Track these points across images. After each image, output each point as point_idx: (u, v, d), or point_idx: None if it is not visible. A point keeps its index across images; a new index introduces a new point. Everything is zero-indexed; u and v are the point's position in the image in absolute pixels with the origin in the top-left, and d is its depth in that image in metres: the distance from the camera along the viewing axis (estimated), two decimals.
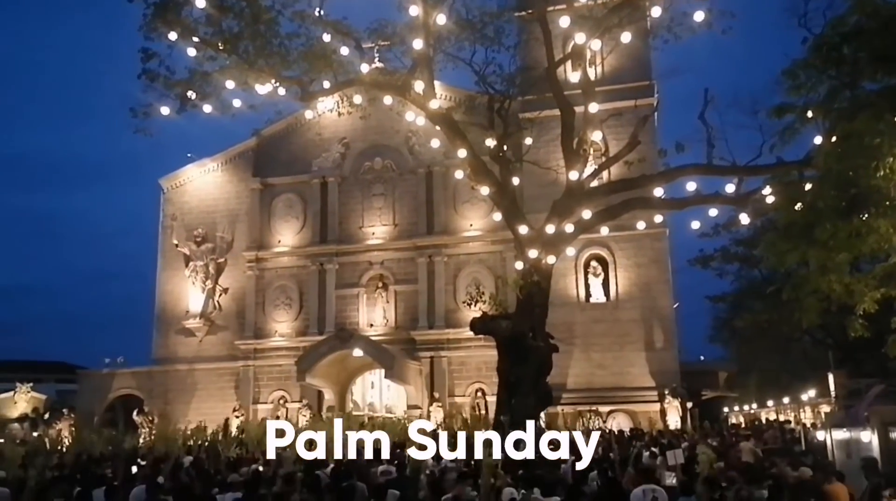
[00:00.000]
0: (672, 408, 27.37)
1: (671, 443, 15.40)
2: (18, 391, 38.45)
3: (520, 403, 18.35)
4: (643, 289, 29.85)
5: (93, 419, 32.64)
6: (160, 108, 19.13)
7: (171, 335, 35.30)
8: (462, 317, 29.09)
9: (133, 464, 15.09)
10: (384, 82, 20.61)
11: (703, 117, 18.36)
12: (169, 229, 36.30)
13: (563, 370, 27.16)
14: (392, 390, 31.74)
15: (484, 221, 31.66)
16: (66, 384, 48.62)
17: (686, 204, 19.37)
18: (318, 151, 34.89)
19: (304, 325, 33.88)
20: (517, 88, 22.41)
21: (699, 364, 41.75)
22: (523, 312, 19.19)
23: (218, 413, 30.06)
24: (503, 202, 20.41)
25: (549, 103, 21.70)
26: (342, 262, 33.97)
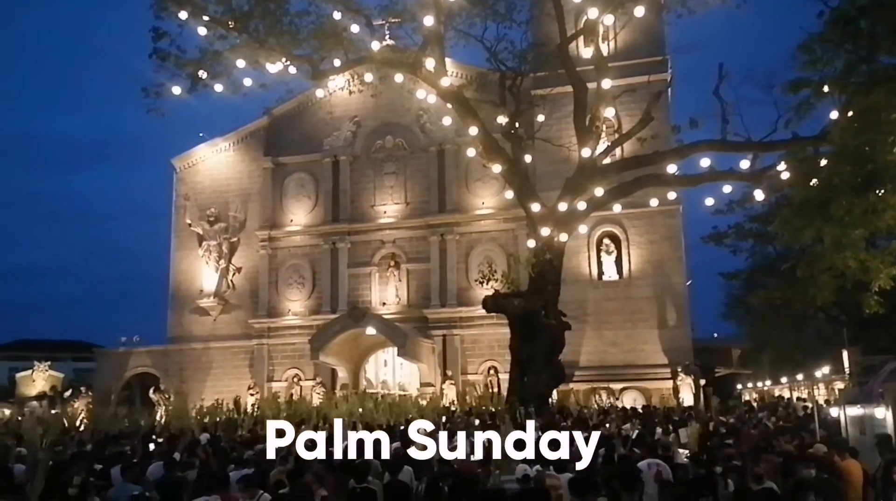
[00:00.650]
0: (685, 385, 27.37)
1: (683, 420, 15.43)
2: (37, 370, 39.05)
3: (532, 380, 18.48)
4: (656, 266, 29.74)
5: (110, 397, 33.05)
6: (172, 87, 19.19)
7: (185, 314, 35.59)
8: (474, 295, 29.14)
9: (150, 441, 15.31)
10: (395, 60, 20.52)
11: (718, 93, 18.19)
12: (182, 209, 36.46)
13: (576, 348, 27.19)
14: (405, 368, 31.92)
15: (496, 199, 31.55)
16: (83, 362, 49.37)
17: (700, 181, 19.25)
18: (330, 130, 34.83)
19: (316, 304, 34.06)
20: (529, 65, 22.25)
21: (712, 341, 41.70)
22: (535, 290, 19.23)
23: (233, 391, 30.36)
24: (515, 180, 20.37)
25: (561, 80, 21.56)
26: (354, 241, 34.03)
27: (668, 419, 18.08)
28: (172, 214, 36.82)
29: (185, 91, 19.37)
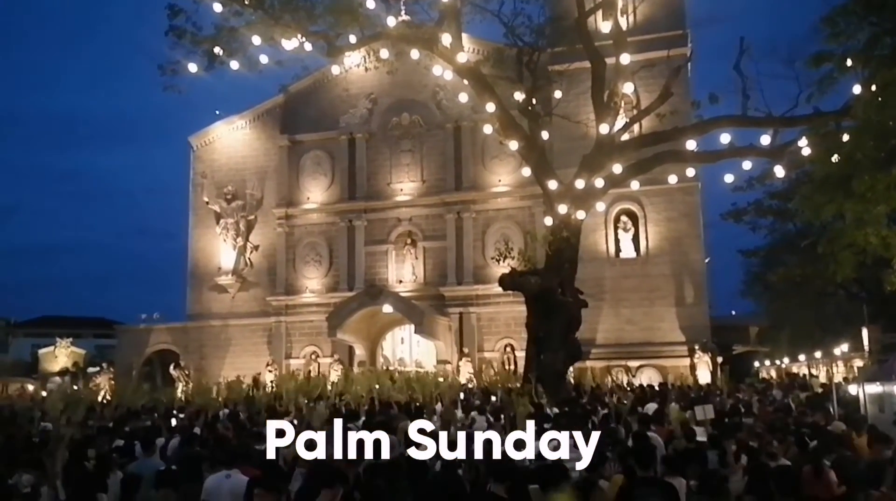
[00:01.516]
0: (702, 363, 27.30)
1: (701, 398, 15.40)
2: (59, 346, 39.76)
3: (549, 358, 18.50)
4: (674, 244, 29.54)
5: (131, 373, 33.51)
6: (188, 65, 19.20)
7: (204, 291, 35.93)
8: (491, 273, 29.14)
9: (171, 417, 15.54)
10: (411, 36, 20.33)
11: (739, 67, 17.89)
12: (199, 187, 36.64)
13: (593, 326, 27.15)
14: (422, 345, 32.07)
15: (512, 176, 31.39)
16: (104, 339, 50.15)
17: (719, 157, 19.03)
18: (346, 108, 34.74)
19: (333, 281, 34.23)
20: (546, 40, 22.00)
21: (730, 319, 41.50)
22: (552, 267, 19.18)
23: (252, 368, 30.70)
24: (532, 157, 20.24)
25: (579, 55, 21.33)
26: (371, 219, 34.07)
27: (684, 396, 18.06)
28: (190, 192, 37.06)
29: (201, 68, 19.37)
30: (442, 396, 16.42)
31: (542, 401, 13.86)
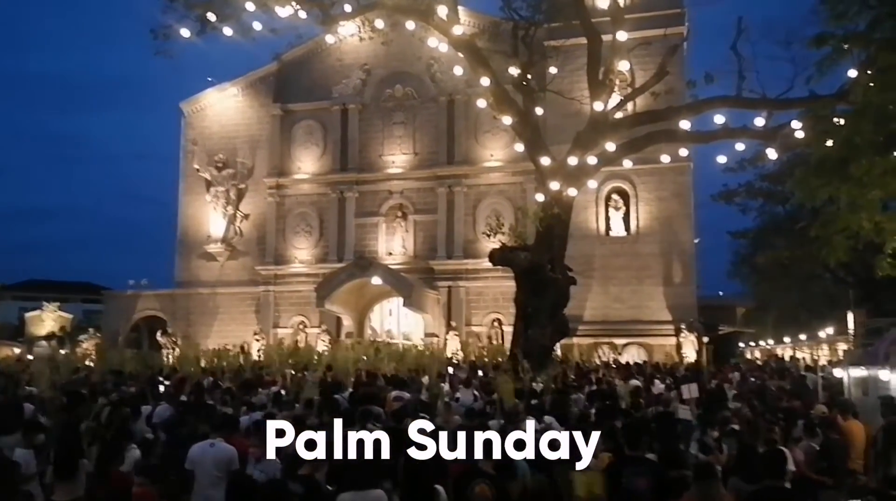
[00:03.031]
0: (688, 342, 27.54)
1: (686, 377, 15.54)
2: (46, 310, 39.48)
3: (536, 334, 18.57)
4: (664, 223, 29.62)
5: (118, 338, 33.52)
6: (180, 30, 18.89)
7: (193, 258, 35.78)
8: (481, 248, 29.15)
9: (158, 384, 15.52)
10: (407, 6, 20.03)
11: (735, 48, 17.77)
12: (190, 154, 36.31)
13: (581, 303, 27.26)
14: (409, 318, 32.14)
15: (505, 151, 31.28)
16: (92, 304, 49.89)
17: (713, 138, 18.99)
18: (339, 78, 34.39)
19: (323, 252, 34.16)
20: (543, 15, 21.74)
21: (717, 300, 41.76)
22: (542, 244, 19.18)
23: (239, 337, 30.71)
24: (525, 133, 20.13)
25: (575, 31, 21.13)
26: (362, 190, 33.93)
27: (670, 374, 18.23)
28: (180, 158, 36.72)
29: (193, 34, 19.07)
30: (429, 369, 16.48)
31: (529, 376, 13.92)
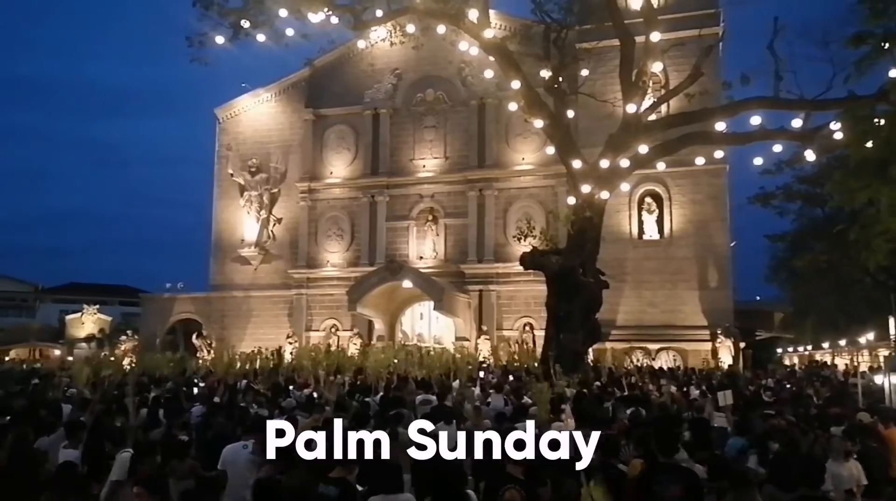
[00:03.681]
0: (724, 348, 27.08)
1: (722, 383, 15.27)
2: (86, 312, 40.38)
3: (568, 338, 18.44)
4: (699, 226, 29.20)
5: (155, 340, 34.07)
6: (215, 37, 19.18)
7: (227, 262, 36.23)
8: (512, 251, 29.06)
9: (193, 385, 15.74)
10: (438, 10, 20.08)
11: (772, 48, 17.48)
12: (224, 159, 36.79)
13: (613, 307, 27.00)
14: (441, 321, 32.13)
15: (536, 154, 31.14)
16: (129, 306, 50.82)
17: (749, 139, 18.69)
18: (371, 83, 34.57)
19: (355, 256, 34.34)
20: (575, 17, 21.67)
21: (754, 304, 41.09)
22: (574, 247, 19.05)
23: (272, 339, 30.99)
24: (557, 135, 20.04)
25: (607, 33, 20.97)
26: (393, 194, 34.04)
27: (706, 380, 17.93)
28: (215, 163, 37.23)
29: (227, 41, 19.36)
30: (459, 373, 16.43)
31: (563, 382, 13.80)
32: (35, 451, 7.31)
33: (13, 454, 6.86)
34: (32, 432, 7.76)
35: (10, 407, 10.67)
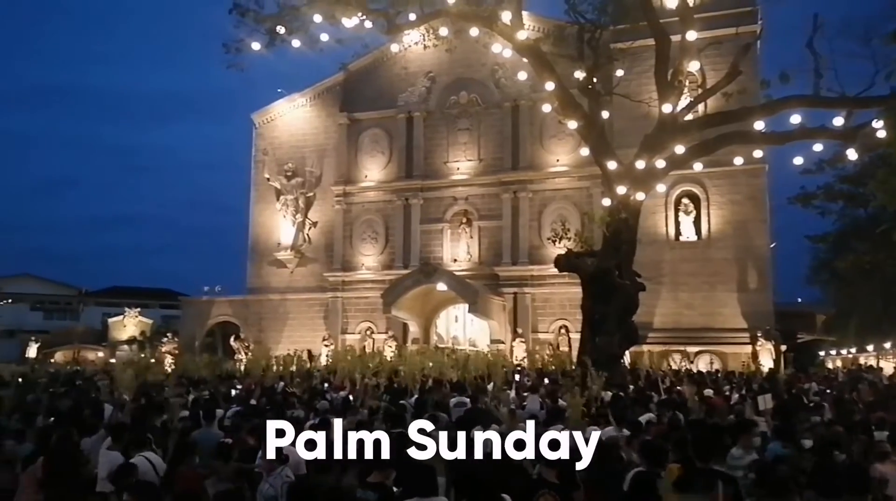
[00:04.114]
0: (765, 351, 26.58)
1: (762, 386, 15.00)
2: (127, 315, 41.28)
3: (604, 341, 18.30)
4: (737, 227, 28.73)
5: (194, 343, 34.63)
6: (251, 43, 19.47)
7: (264, 265, 36.69)
8: (546, 254, 28.93)
9: (231, 387, 15.96)
10: (471, 13, 20.12)
11: (811, 45, 17.15)
12: (261, 164, 37.29)
13: (650, 309, 26.69)
14: (475, 324, 32.10)
15: (571, 156, 30.95)
16: (169, 309, 51.76)
17: (789, 138, 18.34)
18: (404, 86, 34.73)
19: (389, 259, 34.50)
20: (609, 17, 21.49)
21: (795, 306, 40.25)
22: (609, 249, 18.91)
23: (308, 342, 31.29)
24: (591, 136, 19.91)
25: (642, 32, 20.78)
26: (427, 197, 34.13)
27: (746, 383, 17.62)
28: (252, 168, 37.74)
29: (263, 47, 19.65)
30: (494, 375, 16.40)
31: (598, 383, 13.69)
32: (78, 451, 7.48)
33: (58, 453, 7.03)
34: (76, 432, 7.95)
35: (55, 408, 10.97)
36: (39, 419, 9.78)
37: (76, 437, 7.82)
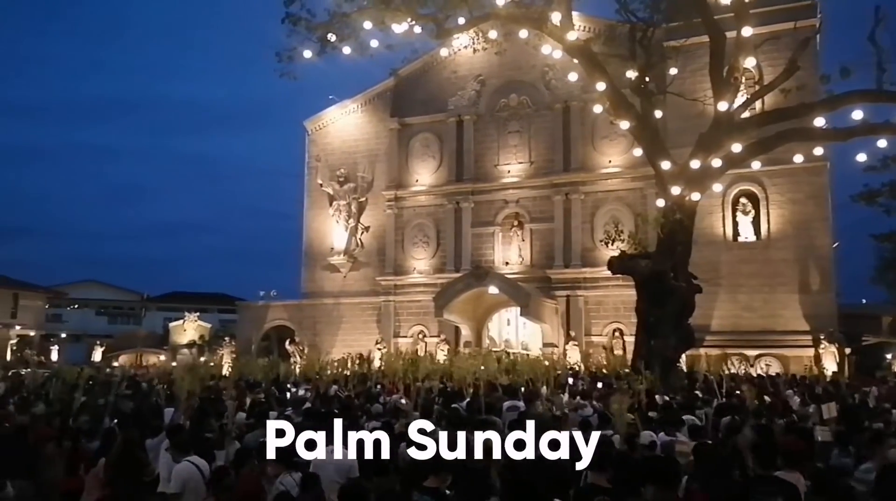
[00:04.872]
0: (828, 354, 25.72)
1: (827, 391, 14.52)
2: (187, 320, 42.43)
3: (659, 344, 18.00)
4: (798, 227, 27.89)
5: (251, 346, 35.34)
6: (303, 51, 19.80)
7: (317, 270, 37.20)
8: (599, 256, 28.57)
9: (286, 390, 16.22)
10: (520, 15, 20.05)
11: (873, 38, 16.58)
12: (314, 170, 37.85)
13: (707, 312, 26.12)
14: (528, 327, 31.92)
15: (623, 157, 30.54)
16: (227, 314, 53.01)
17: (851, 134, 17.75)
18: (454, 90, 34.81)
19: (441, 262, 34.57)
20: (662, 15, 21.13)
21: (860, 308, 38.86)
22: (664, 251, 18.60)
23: (362, 345, 31.57)
24: (644, 136, 19.63)
25: (696, 29, 20.41)
26: (478, 200, 34.10)
27: (809, 388, 17.08)
28: (305, 174, 38.34)
29: (315, 55, 19.95)
30: (547, 379, 16.26)
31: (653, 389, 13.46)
32: (141, 452, 7.70)
33: (122, 454, 7.24)
34: (139, 434, 8.19)
35: (119, 411, 11.32)
36: (107, 420, 10.11)
37: (139, 438, 8.04)
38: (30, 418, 10.48)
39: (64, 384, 14.39)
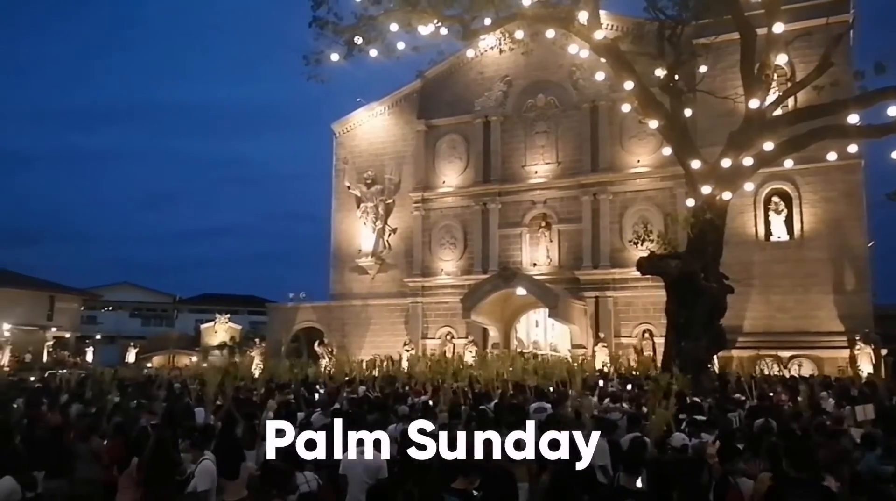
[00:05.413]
0: (864, 355, 25.21)
1: (863, 392, 14.22)
2: (218, 322, 42.93)
3: (690, 346, 17.79)
4: (832, 226, 27.38)
5: (280, 348, 35.63)
6: (330, 54, 19.94)
7: (346, 272, 37.41)
8: (628, 256, 28.33)
9: (315, 391, 16.32)
10: (546, 15, 19.96)
11: None
12: (341, 172, 38.08)
13: (739, 313, 25.76)
14: (556, 329, 31.76)
15: (652, 156, 30.26)
16: (257, 316, 53.56)
17: (887, 131, 17.36)
18: (481, 91, 34.78)
19: (468, 264, 34.55)
20: (691, 12, 20.88)
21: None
22: (694, 251, 18.38)
23: (390, 347, 31.67)
24: (674, 136, 19.43)
25: (726, 26, 20.16)
26: (505, 201, 34.02)
27: (844, 390, 16.73)
28: (333, 177, 38.58)
29: (342, 57, 20.07)
30: (576, 381, 16.16)
31: (685, 390, 13.30)
32: (173, 453, 7.78)
33: (155, 454, 7.33)
34: (171, 435, 8.28)
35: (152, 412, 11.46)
36: (143, 419, 10.26)
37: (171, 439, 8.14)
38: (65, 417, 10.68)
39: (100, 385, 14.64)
